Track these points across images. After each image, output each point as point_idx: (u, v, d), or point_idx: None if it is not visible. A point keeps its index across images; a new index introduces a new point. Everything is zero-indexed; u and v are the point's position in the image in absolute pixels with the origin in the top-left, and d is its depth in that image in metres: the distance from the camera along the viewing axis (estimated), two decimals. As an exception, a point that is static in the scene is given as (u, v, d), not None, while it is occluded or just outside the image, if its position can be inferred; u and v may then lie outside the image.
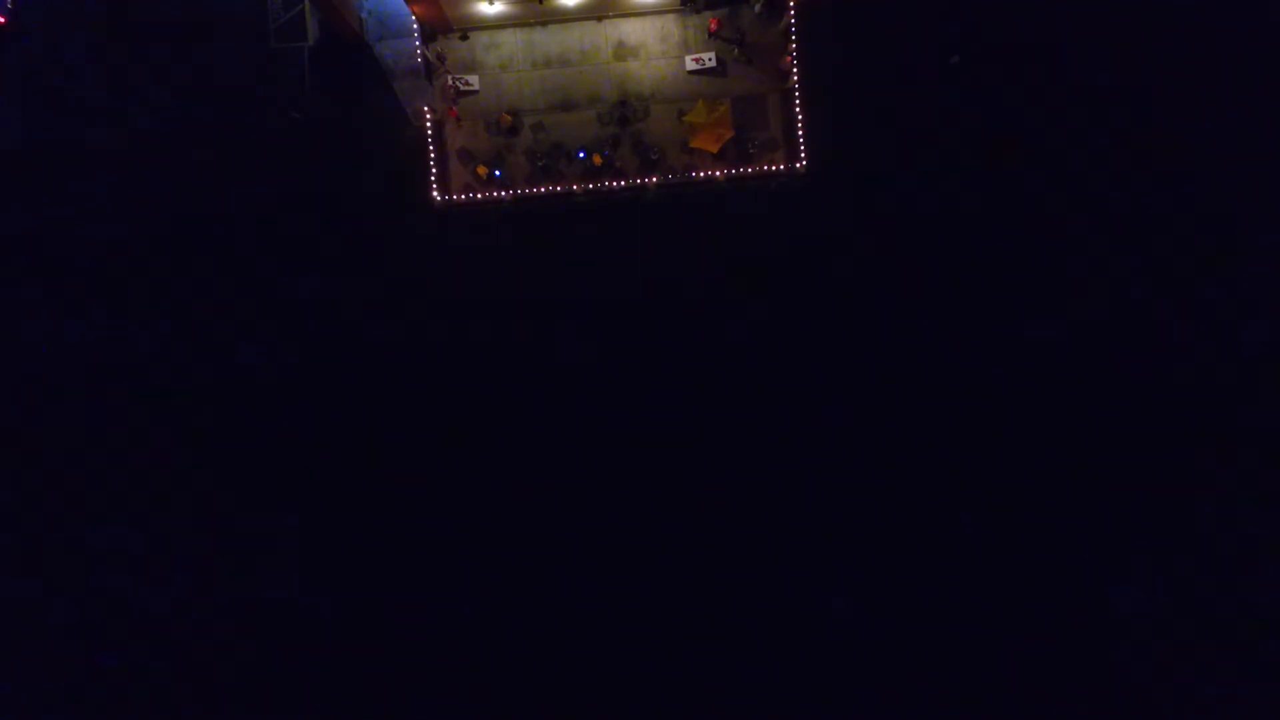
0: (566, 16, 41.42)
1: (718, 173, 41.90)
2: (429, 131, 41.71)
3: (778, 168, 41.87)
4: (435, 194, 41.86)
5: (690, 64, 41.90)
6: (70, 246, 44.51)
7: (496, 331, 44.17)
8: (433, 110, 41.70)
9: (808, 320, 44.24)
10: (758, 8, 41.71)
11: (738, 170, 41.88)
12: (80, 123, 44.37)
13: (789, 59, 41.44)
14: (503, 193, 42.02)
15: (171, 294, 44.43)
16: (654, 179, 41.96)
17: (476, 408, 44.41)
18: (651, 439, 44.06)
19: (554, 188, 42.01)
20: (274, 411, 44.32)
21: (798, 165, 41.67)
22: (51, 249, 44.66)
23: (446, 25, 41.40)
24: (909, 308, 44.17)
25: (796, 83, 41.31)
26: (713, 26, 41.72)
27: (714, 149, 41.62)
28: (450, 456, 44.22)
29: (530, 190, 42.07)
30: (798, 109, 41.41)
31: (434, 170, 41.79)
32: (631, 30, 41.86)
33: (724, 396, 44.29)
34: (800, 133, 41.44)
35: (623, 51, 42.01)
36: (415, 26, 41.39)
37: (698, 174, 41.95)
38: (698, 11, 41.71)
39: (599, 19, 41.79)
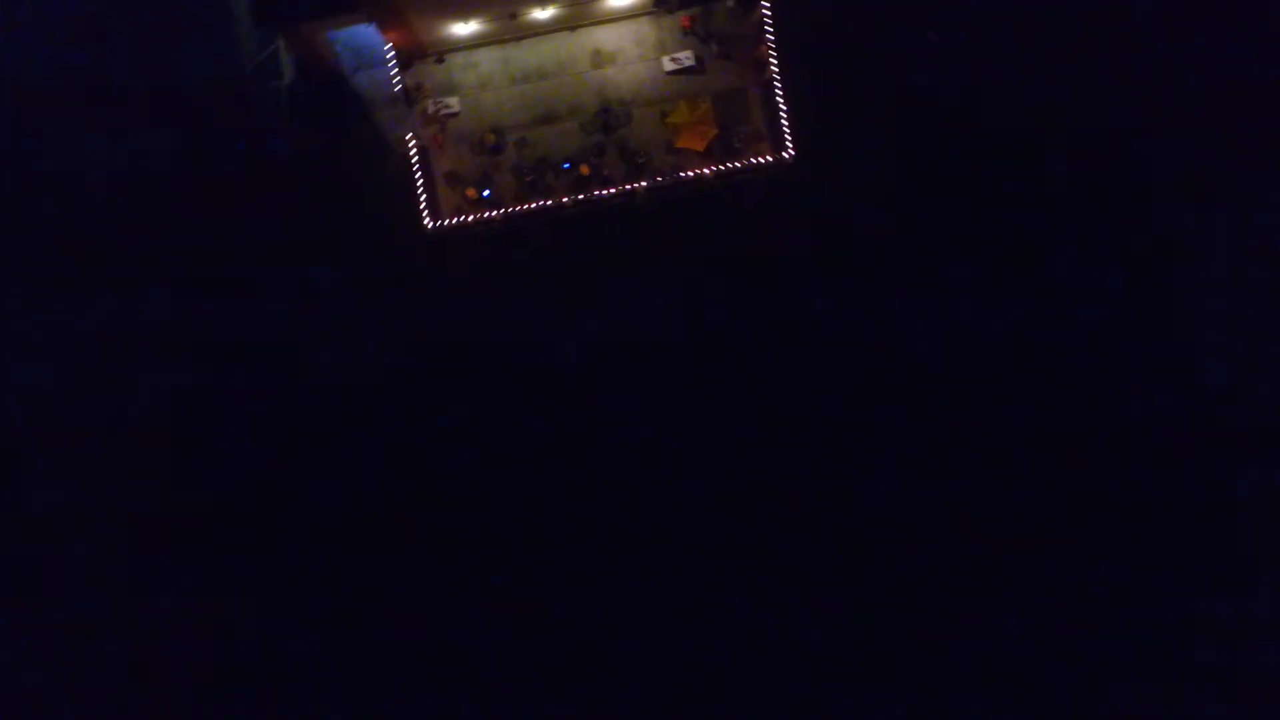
0: (541, 30, 41.32)
1: (706, 170, 41.89)
2: (414, 159, 41.59)
3: (765, 159, 41.87)
4: (427, 221, 41.74)
5: (668, 64, 41.85)
6: (56, 283, 44.19)
7: (497, 346, 44.08)
8: (416, 137, 41.59)
9: (802, 309, 44.36)
10: (730, 2, 41.67)
11: (726, 166, 41.83)
12: (66, 161, 44.09)
13: (765, 48, 41.40)
14: (494, 212, 41.91)
15: (171, 325, 44.24)
16: (643, 183, 41.91)
17: (481, 418, 44.38)
18: (653, 443, 44.10)
19: (544, 202, 41.92)
20: (274, 424, 44.22)
21: (785, 155, 41.69)
22: (40, 284, 44.38)
23: (422, 49, 41.29)
24: (901, 291, 44.31)
25: (776, 72, 41.29)
26: (685, 24, 41.67)
27: (700, 147, 41.58)
28: (453, 468, 44.15)
29: (521, 207, 41.95)
30: (779, 99, 41.40)
31: (423, 197, 41.68)
32: (607, 37, 41.76)
33: (725, 394, 44.34)
34: (785, 122, 41.42)
35: (600, 59, 41.93)
36: (391, 54, 41.27)
37: (686, 173, 41.92)
38: (671, 12, 41.64)
39: (572, 29, 41.70)
